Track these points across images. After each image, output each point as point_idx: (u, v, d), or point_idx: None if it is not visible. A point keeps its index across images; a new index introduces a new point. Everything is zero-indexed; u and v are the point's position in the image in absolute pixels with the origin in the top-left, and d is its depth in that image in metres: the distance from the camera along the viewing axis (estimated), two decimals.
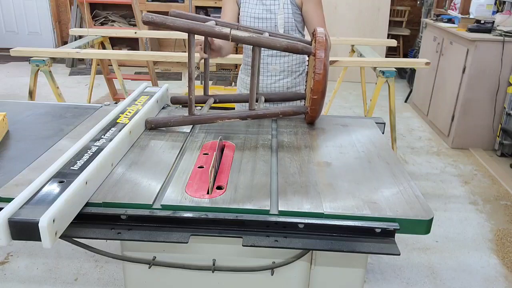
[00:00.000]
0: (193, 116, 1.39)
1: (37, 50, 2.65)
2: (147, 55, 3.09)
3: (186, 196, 1.02)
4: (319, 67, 1.32)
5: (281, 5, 1.77)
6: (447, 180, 3.23)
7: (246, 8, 1.83)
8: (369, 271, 2.22)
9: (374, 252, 0.94)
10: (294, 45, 1.30)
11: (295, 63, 1.91)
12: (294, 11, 1.79)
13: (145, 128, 1.42)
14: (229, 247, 1.08)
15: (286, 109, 1.41)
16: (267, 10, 1.79)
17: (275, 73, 1.90)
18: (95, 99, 4.77)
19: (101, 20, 6.03)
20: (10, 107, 1.58)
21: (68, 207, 0.90)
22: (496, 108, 3.61)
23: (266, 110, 1.39)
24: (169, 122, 1.41)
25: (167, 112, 1.62)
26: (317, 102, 1.38)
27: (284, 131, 1.46)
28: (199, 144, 1.33)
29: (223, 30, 1.27)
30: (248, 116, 1.39)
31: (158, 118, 1.44)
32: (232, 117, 1.38)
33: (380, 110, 4.44)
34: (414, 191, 1.08)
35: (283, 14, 1.78)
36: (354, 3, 5.55)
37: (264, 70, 1.91)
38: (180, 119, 1.40)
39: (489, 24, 3.64)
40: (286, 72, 1.91)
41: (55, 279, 2.12)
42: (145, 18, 1.23)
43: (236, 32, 1.26)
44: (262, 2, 1.80)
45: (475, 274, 2.24)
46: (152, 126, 1.42)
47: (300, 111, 1.44)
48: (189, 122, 1.40)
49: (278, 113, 1.40)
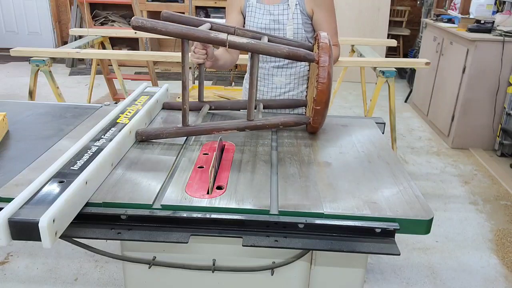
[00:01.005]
0: (187, 128, 1.31)
1: (37, 50, 2.65)
2: (147, 55, 3.09)
3: (186, 196, 1.02)
4: (322, 75, 1.23)
5: (290, 15, 1.63)
6: (447, 180, 3.23)
7: (252, 18, 1.69)
8: (369, 271, 2.22)
9: (374, 252, 0.94)
10: (295, 52, 1.21)
11: (302, 75, 1.76)
12: (304, 21, 1.65)
13: (135, 140, 1.32)
14: (229, 247, 1.08)
15: (287, 119, 1.34)
16: (274, 20, 1.65)
17: (281, 85, 1.77)
18: (95, 99, 4.77)
19: (101, 20, 6.03)
20: (10, 107, 1.58)
21: (68, 207, 0.90)
22: (496, 108, 3.61)
23: (266, 121, 1.32)
24: (161, 134, 1.31)
25: (166, 115, 1.61)
26: (320, 113, 1.30)
27: (284, 131, 1.46)
28: (199, 144, 1.33)
29: (219, 36, 1.17)
30: (246, 127, 1.32)
31: (150, 130, 1.33)
32: (229, 128, 1.31)
33: (380, 110, 4.44)
34: (414, 191, 1.08)
35: (292, 25, 1.64)
36: (354, 3, 5.55)
37: (269, 82, 1.78)
38: (173, 131, 1.30)
39: (489, 24, 3.64)
40: (292, 84, 1.77)
41: (55, 279, 2.12)
42: (134, 23, 1.12)
43: (233, 38, 1.17)
44: (269, 12, 1.66)
45: (475, 274, 2.24)
46: (143, 138, 1.32)
47: (302, 121, 1.37)
48: (183, 134, 1.31)
49: (279, 124, 1.34)
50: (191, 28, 1.17)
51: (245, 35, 1.43)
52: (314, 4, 1.63)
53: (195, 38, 1.17)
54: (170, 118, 1.56)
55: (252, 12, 1.69)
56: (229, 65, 1.74)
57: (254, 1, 1.69)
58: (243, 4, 1.72)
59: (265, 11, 1.66)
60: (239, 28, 1.44)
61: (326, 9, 1.65)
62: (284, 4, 1.64)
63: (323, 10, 1.64)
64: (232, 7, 1.75)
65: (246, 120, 1.32)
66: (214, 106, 1.57)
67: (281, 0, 1.65)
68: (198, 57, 1.45)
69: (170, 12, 1.35)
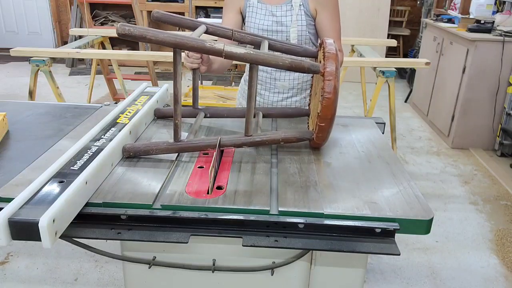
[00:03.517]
0: (178, 143, 1.19)
1: (37, 50, 2.65)
2: (147, 55, 3.09)
3: (186, 196, 1.02)
4: (328, 89, 1.10)
5: (294, 16, 1.55)
6: (447, 180, 3.23)
7: (252, 19, 1.61)
8: (369, 271, 2.22)
9: (374, 252, 0.94)
10: (298, 64, 1.11)
11: (305, 80, 1.70)
12: (308, 23, 1.58)
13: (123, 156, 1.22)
14: (229, 247, 1.08)
15: (288, 135, 1.23)
16: (277, 22, 1.57)
17: (283, 90, 1.70)
18: (95, 99, 4.77)
19: (101, 20, 6.03)
20: (10, 107, 1.58)
21: (68, 207, 0.90)
22: (496, 108, 3.61)
23: (265, 137, 1.22)
24: (150, 151, 1.20)
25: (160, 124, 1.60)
26: (324, 129, 1.18)
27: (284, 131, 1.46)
28: None
29: (215, 46, 1.06)
30: (244, 143, 1.21)
31: (138, 145, 1.21)
32: (225, 145, 1.20)
33: (380, 110, 4.44)
34: (414, 191, 1.08)
35: (296, 27, 1.56)
36: (354, 3, 5.55)
37: (271, 86, 1.71)
38: (164, 147, 1.20)
39: (489, 24, 3.64)
40: (295, 89, 1.70)
41: (55, 279, 2.12)
42: (120, 30, 1.01)
43: (230, 48, 1.07)
44: (271, 12, 1.58)
45: (475, 274, 2.24)
46: (131, 155, 1.21)
47: (305, 137, 1.25)
48: (174, 150, 1.21)
49: (279, 140, 1.22)
50: (185, 36, 1.07)
51: (244, 38, 1.35)
52: (318, 3, 1.56)
53: (189, 48, 1.07)
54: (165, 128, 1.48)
55: (253, 13, 1.61)
56: (223, 68, 1.63)
57: (255, 0, 1.61)
58: (243, 4, 1.64)
59: (267, 11, 1.59)
60: (237, 31, 1.36)
61: (330, 10, 1.57)
62: (288, 5, 1.57)
63: (327, 11, 1.57)
64: (230, 6, 1.66)
65: (244, 136, 1.22)
66: (210, 114, 1.46)
67: (284, 1, 1.58)
68: (192, 61, 1.36)
69: (162, 12, 1.26)
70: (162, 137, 1.37)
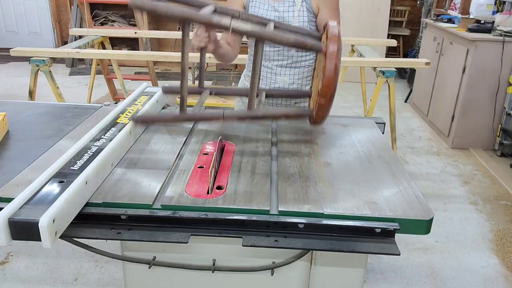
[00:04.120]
0: (184, 114, 1.27)
1: (37, 50, 2.65)
2: (147, 55, 3.09)
3: (186, 196, 1.02)
4: (329, 67, 1.14)
5: (296, 12, 1.58)
6: (447, 180, 3.23)
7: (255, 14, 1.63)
8: (369, 271, 2.22)
9: (374, 252, 0.94)
10: (302, 42, 1.15)
11: (306, 75, 1.71)
12: (310, 19, 1.60)
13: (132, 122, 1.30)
14: (229, 247, 1.08)
15: (289, 111, 1.30)
16: (279, 17, 1.60)
17: (284, 85, 1.72)
18: (95, 99, 4.77)
19: (101, 20, 6.03)
20: (10, 107, 1.58)
21: (68, 207, 0.90)
22: (496, 108, 3.61)
23: (267, 111, 1.28)
24: (157, 119, 1.29)
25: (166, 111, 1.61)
26: (324, 107, 1.23)
27: (284, 132, 1.46)
28: (199, 144, 1.33)
29: (222, 20, 1.11)
30: (247, 116, 1.27)
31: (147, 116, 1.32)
32: (229, 117, 1.25)
33: (380, 110, 4.44)
34: (414, 191, 1.08)
35: (298, 23, 1.59)
36: (354, 3, 5.55)
37: (272, 81, 1.73)
38: (170, 116, 1.29)
39: (489, 24, 3.64)
40: (296, 85, 1.72)
41: (55, 279, 2.12)
42: (132, 3, 1.07)
43: (237, 23, 1.11)
44: (274, 8, 1.60)
45: (475, 274, 2.24)
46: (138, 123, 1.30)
47: (305, 114, 1.32)
48: (180, 120, 1.29)
49: (280, 115, 1.29)
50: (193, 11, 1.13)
51: (250, 19, 1.37)
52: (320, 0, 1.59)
53: (196, 20, 1.13)
54: None
55: (256, 8, 1.64)
56: (228, 58, 1.67)
57: None
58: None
59: (270, 7, 1.61)
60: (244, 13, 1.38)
61: (331, 7, 1.60)
62: (290, 1, 1.59)
63: (328, 8, 1.59)
64: (234, 0, 1.69)
65: (246, 110, 1.27)
66: (214, 92, 1.50)
67: None
68: (200, 39, 1.35)
69: None
70: (162, 137, 1.37)
